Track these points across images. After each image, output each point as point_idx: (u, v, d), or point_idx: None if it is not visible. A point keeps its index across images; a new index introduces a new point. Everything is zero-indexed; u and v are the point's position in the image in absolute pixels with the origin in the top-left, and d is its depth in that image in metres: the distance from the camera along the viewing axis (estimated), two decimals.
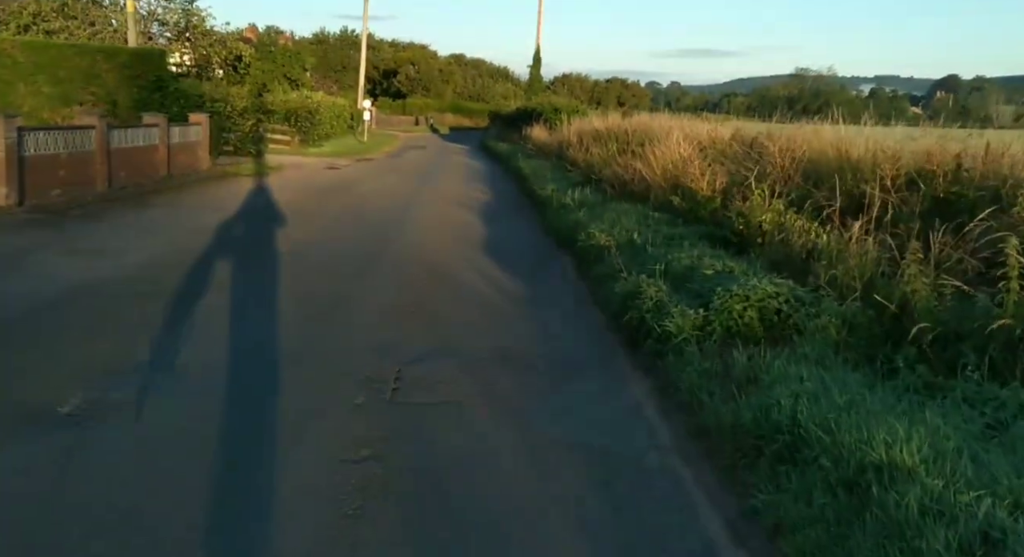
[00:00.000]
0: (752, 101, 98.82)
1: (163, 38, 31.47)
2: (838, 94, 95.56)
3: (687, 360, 4.68)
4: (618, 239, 7.92)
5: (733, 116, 39.92)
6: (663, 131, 16.64)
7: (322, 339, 5.60)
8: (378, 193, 15.69)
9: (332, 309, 6.42)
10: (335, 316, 6.22)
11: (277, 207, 12.85)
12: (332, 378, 4.83)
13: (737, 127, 14.82)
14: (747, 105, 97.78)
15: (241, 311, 6.22)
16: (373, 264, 8.41)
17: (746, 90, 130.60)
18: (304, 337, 5.61)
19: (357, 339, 5.67)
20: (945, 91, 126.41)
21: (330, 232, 10.50)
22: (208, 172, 16.82)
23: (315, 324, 5.98)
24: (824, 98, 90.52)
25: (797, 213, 7.38)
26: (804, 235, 6.34)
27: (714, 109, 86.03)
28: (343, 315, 6.29)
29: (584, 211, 10.16)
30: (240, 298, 6.60)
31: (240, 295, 6.71)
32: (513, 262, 8.86)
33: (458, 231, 11.19)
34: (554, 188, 13.71)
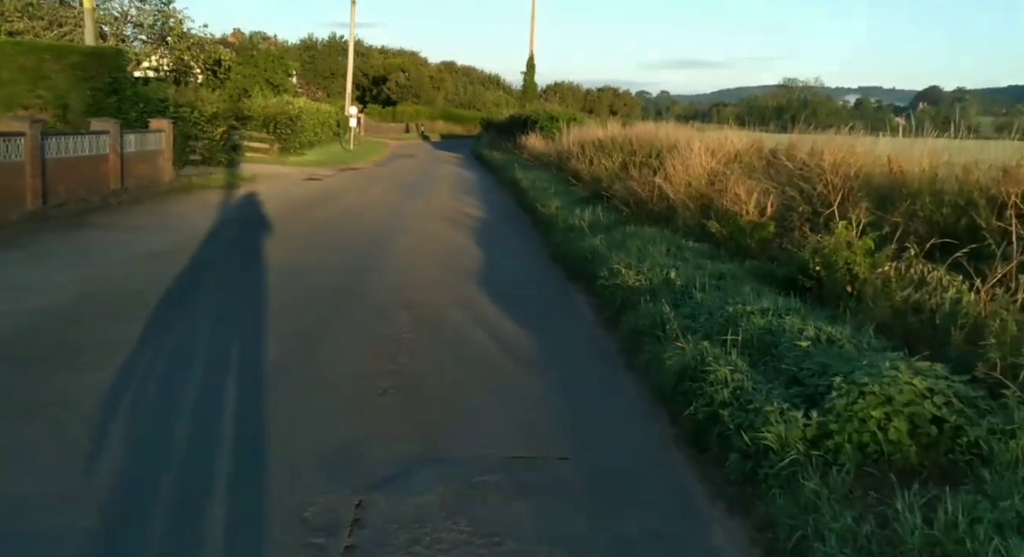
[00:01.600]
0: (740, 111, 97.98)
1: (137, 41, 29.63)
2: (825, 104, 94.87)
3: (808, 504, 2.93)
4: (651, 277, 6.18)
5: (723, 126, 38.61)
6: (675, 141, 14.99)
7: (251, 446, 3.81)
8: (360, 208, 13.89)
9: (275, 387, 4.63)
10: (278, 403, 4.43)
11: (239, 227, 11.03)
12: (247, 522, 3.06)
13: (755, 138, 13.15)
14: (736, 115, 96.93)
15: (151, 394, 4.43)
16: (343, 311, 6.62)
17: (733, 100, 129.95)
18: (224, 442, 3.83)
19: (303, 441, 3.89)
20: (927, 102, 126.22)
21: (297, 262, 8.70)
22: (170, 184, 14.97)
23: (247, 416, 4.19)
24: (812, 108, 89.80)
25: (878, 248, 5.67)
26: (930, 289, 4.58)
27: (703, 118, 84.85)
28: (291, 399, 4.50)
29: (600, 237, 8.40)
30: (161, 369, 4.81)
31: (162, 364, 4.92)
32: (517, 302, 7.10)
33: (450, 258, 9.43)
34: (558, 205, 11.98)
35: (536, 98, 34.08)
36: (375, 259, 8.95)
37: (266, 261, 8.52)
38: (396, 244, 10.19)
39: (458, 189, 18.62)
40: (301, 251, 9.32)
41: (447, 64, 70.72)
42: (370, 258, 9.00)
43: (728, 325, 4.66)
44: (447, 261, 9.19)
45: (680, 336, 4.53)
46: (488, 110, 56.81)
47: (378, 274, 8.14)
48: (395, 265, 8.67)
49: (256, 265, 8.29)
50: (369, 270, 8.30)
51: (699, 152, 10.21)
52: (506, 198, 16.91)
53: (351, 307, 6.67)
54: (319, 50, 63.05)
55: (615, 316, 6.19)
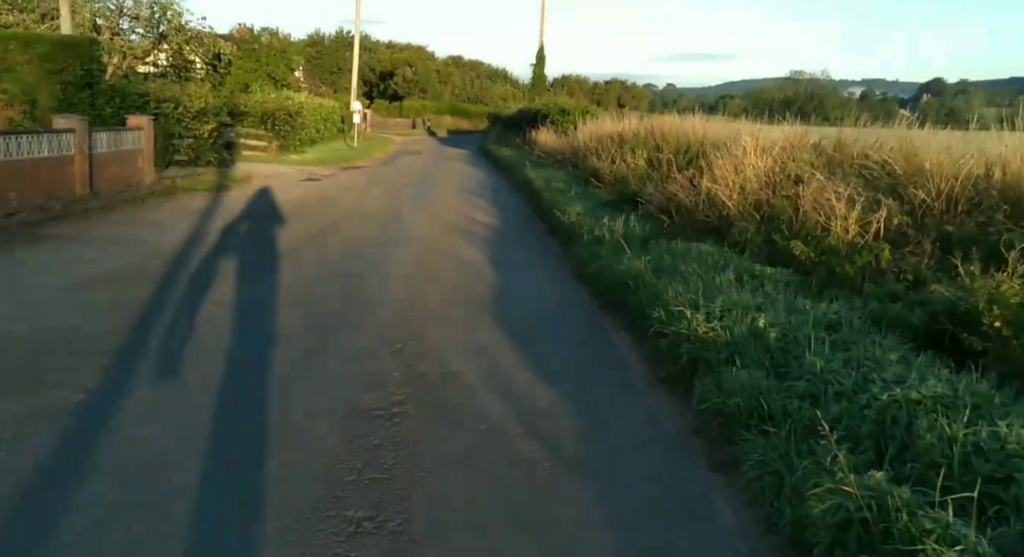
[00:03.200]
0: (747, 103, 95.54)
1: (135, 34, 27.93)
2: (832, 97, 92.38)
3: None
4: (729, 324, 4.44)
5: (731, 118, 36.62)
6: (705, 134, 13.23)
7: None
8: (358, 215, 12.17)
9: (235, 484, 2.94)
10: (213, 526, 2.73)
11: (214, 241, 9.33)
12: None
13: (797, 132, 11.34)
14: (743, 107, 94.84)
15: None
16: (320, 360, 4.92)
17: (739, 92, 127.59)
18: None
19: None
20: (931, 94, 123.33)
21: (279, 283, 7.00)
22: (151, 188, 13.27)
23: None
24: (818, 100, 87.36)
25: None
26: None
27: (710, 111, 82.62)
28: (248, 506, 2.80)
29: (641, 256, 6.62)
30: (79, 453, 3.12)
31: (83, 447, 3.23)
32: (543, 349, 5.38)
33: (458, 281, 7.70)
34: (579, 211, 10.22)
35: (546, 91, 32.24)
36: (368, 289, 7.22)
37: (235, 291, 6.81)
38: (395, 264, 8.46)
39: (466, 190, 16.86)
40: (283, 273, 7.61)
41: (454, 58, 68.75)
42: (363, 287, 7.27)
43: (883, 424, 2.93)
44: (455, 286, 7.46)
45: (837, 462, 2.75)
46: (496, 104, 54.98)
47: (370, 310, 6.42)
48: (392, 296, 6.94)
49: (229, 290, 6.58)
50: (360, 304, 6.57)
51: (751, 149, 8.44)
52: (518, 200, 15.14)
53: (331, 358, 4.96)
54: (326, 45, 61.20)
55: (680, 378, 4.45)
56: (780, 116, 17.16)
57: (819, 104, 77.60)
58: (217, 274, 7.25)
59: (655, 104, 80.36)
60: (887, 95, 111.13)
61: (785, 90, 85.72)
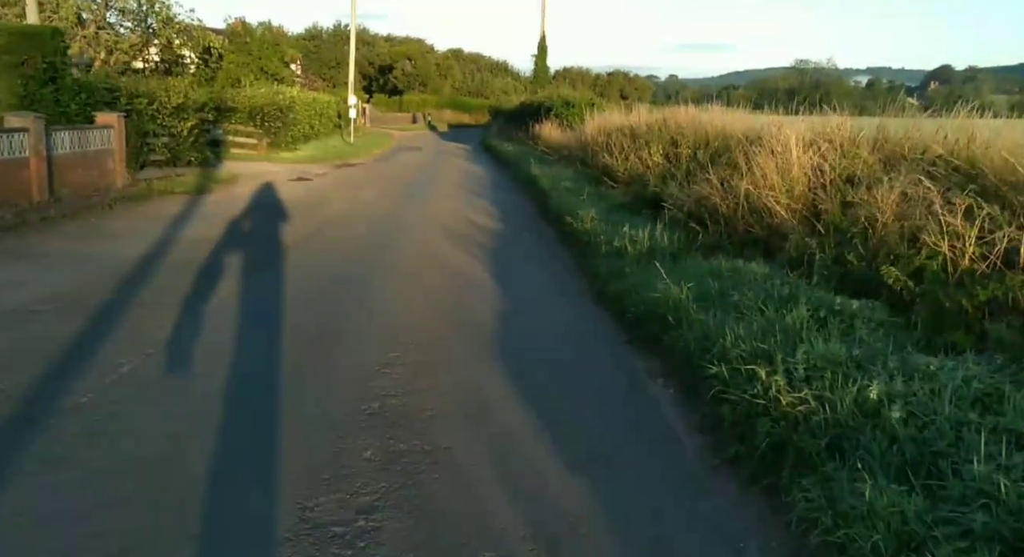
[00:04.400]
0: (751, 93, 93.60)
1: (123, 28, 26.59)
2: (838, 85, 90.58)
3: None
4: (820, 389, 3.20)
5: (738, 108, 35.08)
6: (735, 128, 11.93)
7: None
8: (347, 219, 10.90)
9: None
10: None
11: (183, 253, 8.06)
12: None
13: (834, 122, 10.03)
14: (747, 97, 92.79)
15: None
16: (264, 458, 3.67)
17: (743, 82, 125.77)
18: None
19: None
20: (938, 82, 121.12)
21: (240, 312, 5.75)
22: (123, 191, 12.03)
23: None
24: (824, 89, 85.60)
25: None
26: None
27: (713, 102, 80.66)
28: None
29: (677, 279, 5.32)
30: None
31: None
32: (562, 405, 4.14)
33: (454, 303, 6.44)
34: (594, 216, 8.93)
35: (548, 83, 30.88)
36: (349, 316, 5.96)
37: (196, 323, 5.56)
38: (386, 277, 7.19)
39: (466, 189, 15.56)
40: (247, 299, 6.36)
41: (454, 51, 67.22)
42: (343, 315, 6.01)
43: None
44: (452, 311, 6.19)
45: None
46: (497, 98, 53.57)
47: (348, 349, 5.16)
48: (376, 328, 5.67)
49: (165, 333, 5.33)
50: (335, 341, 5.31)
51: (795, 144, 7.14)
52: (523, 201, 13.85)
53: (278, 446, 3.71)
54: (324, 39, 59.74)
55: (760, 470, 3.19)
56: (783, 105, 15.86)
57: (825, 93, 76.02)
58: (170, 299, 6.00)
59: (658, 95, 78.72)
60: (894, 83, 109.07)
61: (790, 79, 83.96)
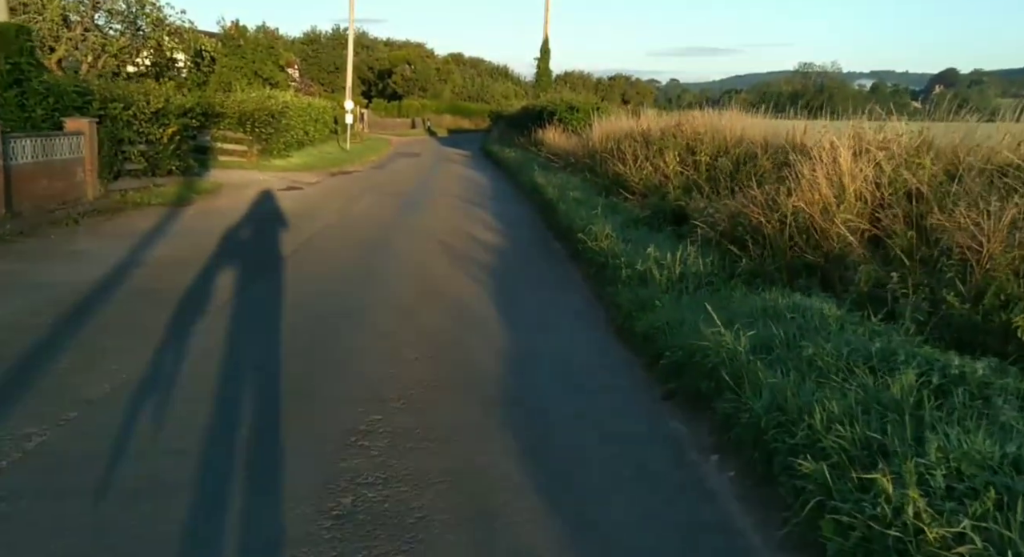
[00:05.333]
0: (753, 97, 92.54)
1: (112, 30, 25.63)
2: (842, 89, 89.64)
3: None
4: (980, 515, 2.22)
5: (758, 113, 34.04)
6: (756, 134, 10.98)
7: None
8: (336, 236, 9.90)
9: None
10: None
11: (147, 277, 7.05)
12: None
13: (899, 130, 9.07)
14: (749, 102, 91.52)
15: None
16: (232, 538, 2.68)
17: (744, 87, 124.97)
18: None
19: None
20: (943, 85, 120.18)
21: (197, 357, 4.75)
22: (94, 204, 11.04)
23: None
24: (828, 93, 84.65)
25: None
26: None
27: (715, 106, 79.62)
28: None
29: (726, 321, 4.29)
30: None
31: None
32: (591, 491, 3.14)
33: (455, 343, 5.41)
34: (609, 233, 7.95)
35: (551, 87, 29.91)
36: (324, 364, 4.95)
37: (136, 376, 4.56)
38: (372, 316, 6.16)
39: (466, 199, 14.57)
40: (208, 339, 5.35)
41: (454, 56, 66.36)
42: (317, 360, 5.01)
43: None
44: (449, 353, 5.18)
45: None
46: (497, 102, 52.66)
47: (319, 408, 4.16)
48: (357, 379, 4.67)
49: (112, 388, 4.33)
50: (304, 399, 4.31)
51: (846, 154, 6.14)
52: (527, 212, 12.85)
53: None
54: (322, 44, 58.92)
55: None
56: (792, 110, 14.89)
57: (829, 97, 75.05)
58: (113, 343, 4.99)
59: (659, 100, 77.79)
60: (898, 87, 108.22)
61: (794, 83, 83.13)
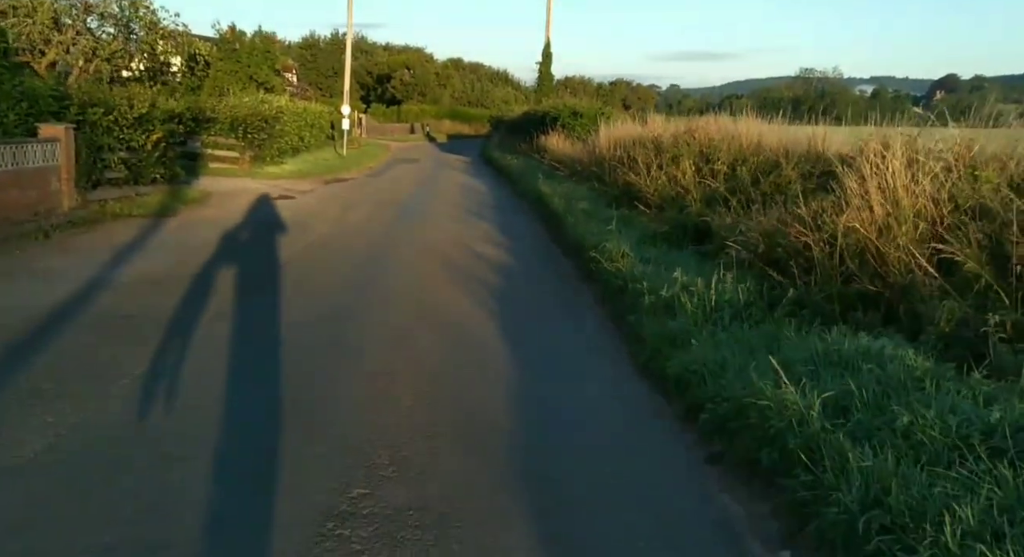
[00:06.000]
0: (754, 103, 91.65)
1: (104, 34, 24.90)
2: (844, 95, 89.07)
3: None
4: None
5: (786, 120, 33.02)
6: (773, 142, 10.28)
7: None
8: (327, 250, 9.14)
9: None
10: None
11: (113, 300, 6.28)
12: None
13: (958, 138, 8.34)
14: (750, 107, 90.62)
15: None
16: None
17: (744, 92, 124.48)
18: None
19: None
20: (944, 91, 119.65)
21: (152, 400, 3.99)
22: (70, 215, 10.28)
23: None
24: (829, 99, 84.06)
25: None
26: None
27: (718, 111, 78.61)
28: None
29: (781, 366, 3.56)
30: None
31: None
32: None
33: (456, 384, 4.64)
34: (625, 251, 7.20)
35: (553, 91, 29.22)
36: (297, 413, 4.20)
37: (78, 425, 3.81)
38: (361, 345, 5.40)
39: (467, 209, 13.82)
40: (173, 379, 4.59)
41: (454, 60, 65.73)
42: (289, 411, 4.25)
43: None
44: (449, 399, 4.41)
45: None
46: (498, 108, 51.94)
47: (291, 480, 3.40)
48: (339, 435, 3.91)
49: (49, 443, 3.57)
50: (275, 466, 3.55)
51: (900, 166, 5.40)
52: (531, 224, 12.11)
53: None
54: (321, 48, 58.28)
55: None
56: (786, 115, 14.20)
57: (831, 103, 74.53)
58: (57, 386, 4.24)
59: (659, 105, 77.15)
60: (899, 92, 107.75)
61: (795, 89, 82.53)
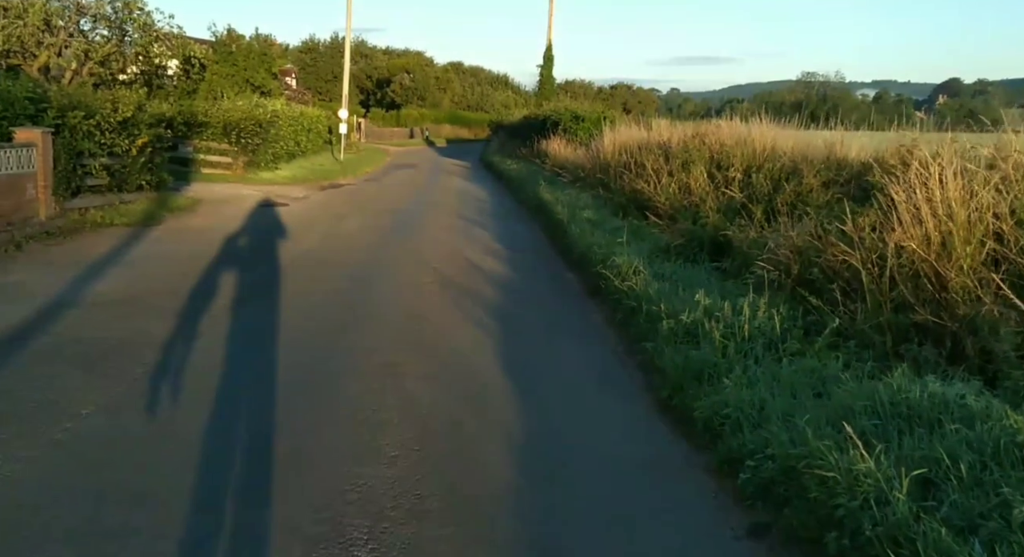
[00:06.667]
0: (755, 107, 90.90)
1: (98, 36, 24.29)
2: (846, 99, 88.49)
3: None
4: None
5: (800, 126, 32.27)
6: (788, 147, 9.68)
7: None
8: (315, 263, 8.48)
9: None
10: None
11: (80, 325, 5.62)
12: None
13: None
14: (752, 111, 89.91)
15: None
16: None
17: (745, 96, 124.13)
18: None
19: None
20: (947, 95, 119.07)
21: (92, 459, 3.35)
22: (47, 224, 9.64)
23: None
24: (832, 103, 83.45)
25: None
26: None
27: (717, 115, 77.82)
28: None
29: (857, 433, 2.94)
30: None
31: None
32: None
33: (452, 438, 3.98)
34: (638, 267, 6.56)
35: (554, 95, 28.61)
36: (272, 470, 3.56)
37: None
38: (342, 378, 4.77)
39: (466, 217, 13.18)
40: (123, 424, 3.94)
41: (454, 65, 65.17)
42: (257, 469, 3.61)
43: None
44: (442, 445, 3.76)
45: None
46: (497, 112, 51.34)
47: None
48: (312, 498, 3.27)
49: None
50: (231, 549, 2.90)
51: (951, 174, 4.77)
52: (533, 234, 11.47)
53: None
54: (320, 53, 57.74)
55: None
56: (801, 121, 13.62)
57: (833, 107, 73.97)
58: (10, 414, 3.60)
59: (660, 109, 76.63)
60: (901, 97, 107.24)
61: (796, 93, 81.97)
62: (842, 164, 8.86)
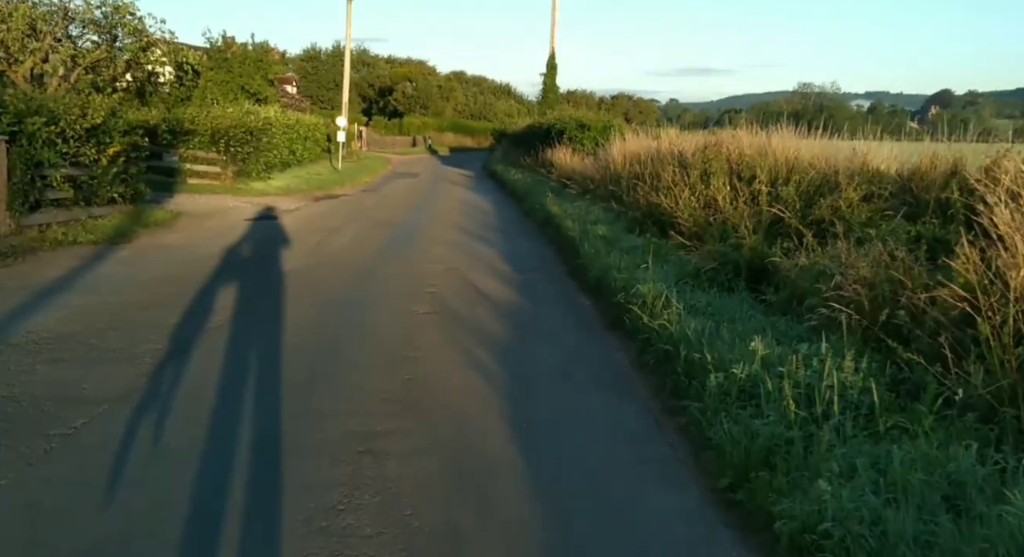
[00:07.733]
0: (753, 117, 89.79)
1: (88, 42, 23.32)
2: (841, 109, 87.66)
3: None
4: None
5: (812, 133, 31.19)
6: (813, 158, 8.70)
7: None
8: (299, 288, 7.42)
9: None
10: None
11: (4, 372, 4.57)
12: None
13: None
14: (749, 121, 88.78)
15: None
16: None
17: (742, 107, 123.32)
18: None
19: None
20: (939, 106, 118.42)
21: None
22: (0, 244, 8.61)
23: None
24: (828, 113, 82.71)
25: None
26: None
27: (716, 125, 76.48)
28: None
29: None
30: None
31: None
32: None
33: (450, 543, 2.97)
34: (667, 295, 5.49)
35: (558, 103, 27.65)
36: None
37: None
38: (317, 455, 3.70)
39: (469, 231, 12.12)
40: (51, 500, 2.88)
41: (456, 73, 64.33)
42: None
43: None
44: (439, 553, 2.72)
45: None
46: (500, 121, 50.42)
47: None
48: None
49: None
50: None
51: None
52: (541, 251, 10.39)
53: None
54: (322, 61, 56.95)
55: None
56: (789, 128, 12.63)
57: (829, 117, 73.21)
58: None
59: (659, 119, 75.76)
60: (895, 107, 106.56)
61: (794, 103, 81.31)
62: (880, 176, 7.92)
